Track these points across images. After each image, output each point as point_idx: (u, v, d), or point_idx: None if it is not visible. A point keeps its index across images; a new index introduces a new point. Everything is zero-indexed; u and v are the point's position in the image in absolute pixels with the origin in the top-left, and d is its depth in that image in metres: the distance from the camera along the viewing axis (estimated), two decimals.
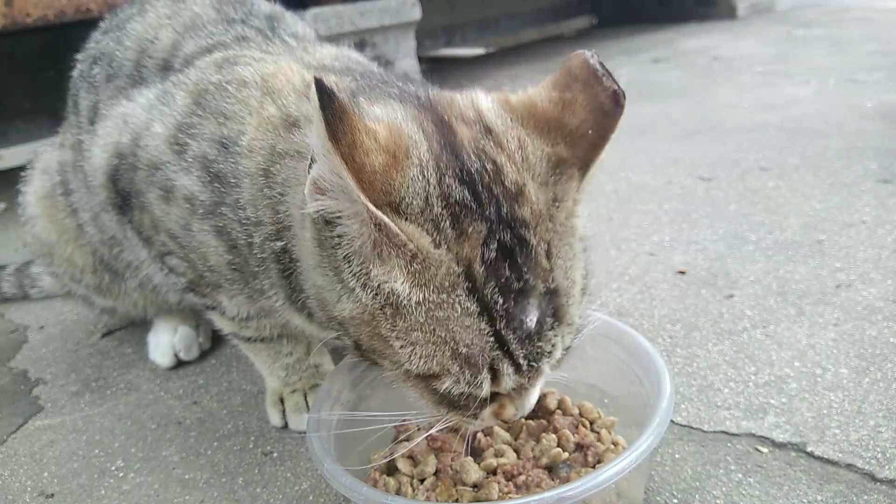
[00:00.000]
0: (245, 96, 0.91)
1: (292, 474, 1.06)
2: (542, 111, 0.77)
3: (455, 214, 0.70)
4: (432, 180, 0.70)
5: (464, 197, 0.70)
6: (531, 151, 0.75)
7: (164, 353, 1.40)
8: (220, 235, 0.93)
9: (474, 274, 0.69)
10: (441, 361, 0.71)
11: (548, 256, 0.72)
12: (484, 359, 0.70)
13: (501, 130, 0.76)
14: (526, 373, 0.73)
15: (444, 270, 0.69)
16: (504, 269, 0.70)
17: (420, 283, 0.69)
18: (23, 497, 1.08)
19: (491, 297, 0.69)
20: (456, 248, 0.69)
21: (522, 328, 0.70)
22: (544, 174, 0.74)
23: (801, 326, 1.28)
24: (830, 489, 0.91)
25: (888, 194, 1.80)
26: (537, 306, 0.71)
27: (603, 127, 0.76)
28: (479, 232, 0.70)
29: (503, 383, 0.73)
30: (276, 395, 1.18)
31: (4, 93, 2.73)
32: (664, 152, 2.35)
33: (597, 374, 1.05)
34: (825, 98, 2.81)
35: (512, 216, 0.71)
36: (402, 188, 0.69)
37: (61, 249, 1.32)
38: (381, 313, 0.71)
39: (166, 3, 1.19)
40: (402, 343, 0.72)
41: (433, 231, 0.69)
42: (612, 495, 0.84)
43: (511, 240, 0.70)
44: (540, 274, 0.71)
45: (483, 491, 0.86)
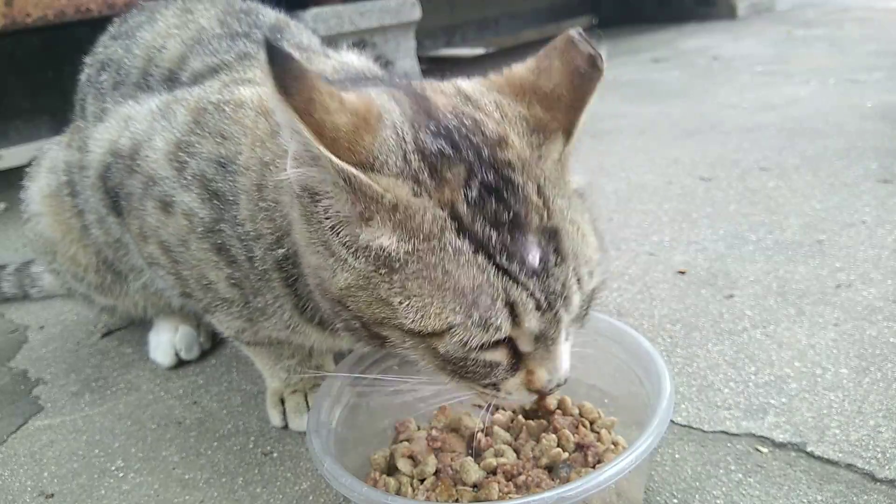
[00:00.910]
0: (241, 117, 0.93)
1: (292, 474, 1.06)
2: (518, 78, 0.79)
3: (433, 164, 0.70)
4: (407, 138, 0.71)
5: (440, 148, 0.71)
6: (509, 111, 0.77)
7: (165, 353, 1.40)
8: (219, 252, 0.94)
9: (459, 213, 0.69)
10: (448, 309, 0.69)
11: (539, 194, 0.72)
12: (495, 293, 0.69)
13: (478, 96, 0.78)
14: (546, 311, 0.71)
15: (428, 216, 0.69)
16: (490, 203, 0.70)
17: (407, 233, 0.69)
18: (23, 497, 1.08)
19: (482, 232, 0.69)
20: (437, 195, 0.70)
21: (525, 264, 0.69)
22: (525, 132, 0.75)
23: (801, 326, 1.28)
24: (830, 489, 0.91)
25: (888, 194, 1.80)
26: (537, 243, 0.70)
27: (580, 89, 0.76)
28: (457, 175, 0.70)
29: (526, 320, 0.70)
30: (277, 396, 1.18)
31: (4, 93, 2.74)
32: (664, 152, 2.35)
33: (597, 374, 1.04)
34: (825, 98, 2.81)
35: (494, 158, 0.72)
36: (375, 148, 0.70)
37: (65, 248, 1.32)
38: (377, 274, 0.71)
39: (175, 13, 1.20)
40: (402, 299, 0.70)
41: (411, 182, 0.70)
42: (612, 495, 0.84)
43: (495, 179, 0.71)
44: (532, 209, 0.71)
45: (483, 491, 0.86)
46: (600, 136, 2.57)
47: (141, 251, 1.07)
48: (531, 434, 0.97)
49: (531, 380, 0.77)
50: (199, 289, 1.01)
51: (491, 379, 0.76)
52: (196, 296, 1.03)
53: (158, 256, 1.02)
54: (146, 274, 1.22)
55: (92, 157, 1.09)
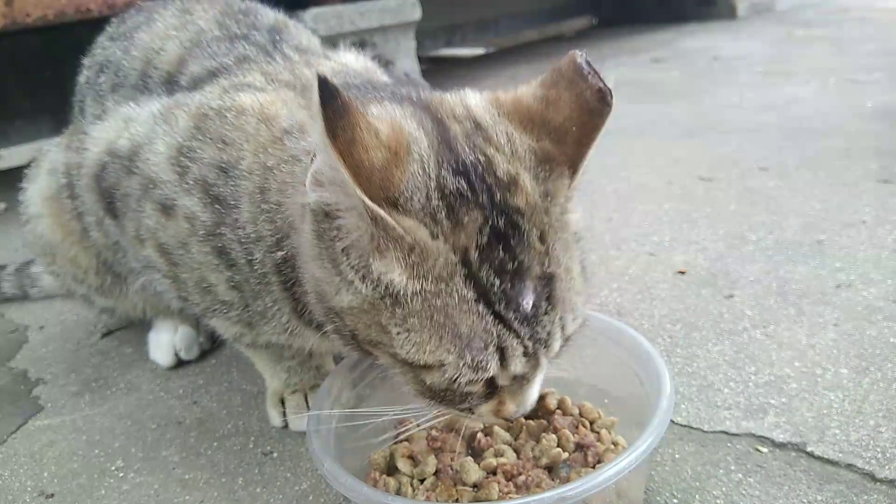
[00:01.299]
0: (242, 123, 0.93)
1: (292, 474, 1.06)
2: (526, 107, 0.78)
3: (451, 205, 0.71)
4: (432, 174, 0.72)
5: (459, 188, 0.72)
6: (519, 145, 0.76)
7: (164, 353, 1.40)
8: (220, 255, 0.94)
9: (470, 260, 0.70)
10: (443, 349, 0.71)
11: (542, 241, 0.73)
12: (489, 338, 0.71)
13: (490, 125, 0.78)
14: (532, 356, 0.73)
15: (441, 261, 0.70)
16: (498, 251, 0.71)
17: (418, 274, 0.70)
18: (23, 497, 1.08)
19: (487, 280, 0.70)
20: (452, 238, 0.70)
21: (520, 310, 0.71)
22: (534, 168, 0.76)
23: (801, 326, 1.28)
24: (830, 489, 0.91)
25: (888, 194, 1.80)
26: (532, 289, 0.72)
27: (588, 125, 0.77)
28: (474, 220, 0.71)
29: (511, 365, 0.73)
30: (277, 396, 1.18)
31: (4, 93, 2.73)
32: (664, 152, 2.35)
33: (597, 374, 1.05)
34: (825, 98, 2.81)
35: (505, 203, 0.72)
36: (402, 184, 0.70)
37: (65, 250, 1.31)
38: (381, 303, 0.72)
39: (174, 13, 1.19)
40: (401, 331, 0.72)
41: (430, 223, 0.70)
42: (612, 495, 0.84)
43: (504, 226, 0.72)
44: (535, 257, 0.72)
45: (483, 491, 0.86)
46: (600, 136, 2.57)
47: (136, 254, 1.06)
48: (531, 434, 0.97)
49: (500, 409, 0.79)
50: (198, 292, 1.00)
51: (465, 405, 0.79)
52: (193, 300, 1.03)
53: (156, 259, 1.02)
54: (144, 275, 1.22)
55: (87, 156, 1.09)
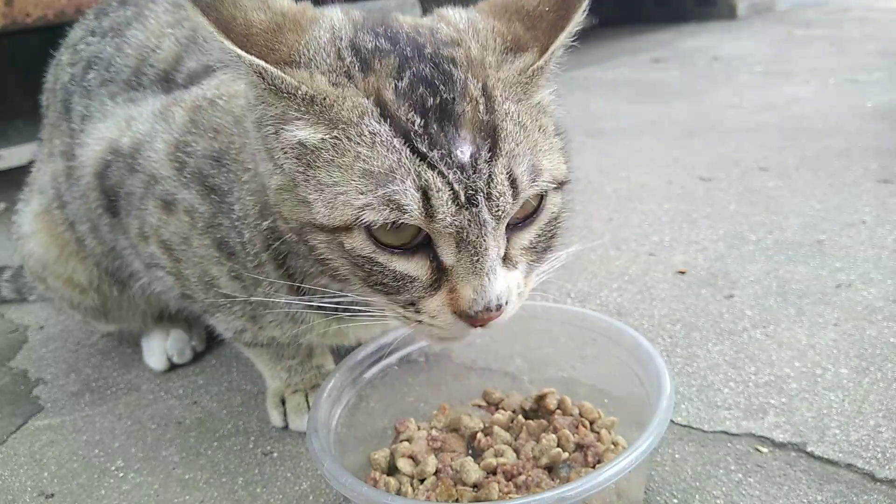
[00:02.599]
0: (232, 107, 0.93)
1: (292, 474, 1.06)
2: (500, 3, 0.80)
3: (364, 59, 0.71)
4: (344, 36, 0.72)
5: (377, 45, 0.72)
6: (481, 25, 0.76)
7: (157, 358, 1.40)
8: (220, 247, 0.94)
9: (383, 100, 0.69)
10: (355, 192, 0.68)
11: (483, 93, 0.70)
12: (405, 173, 0.66)
13: (451, 14, 0.80)
14: (465, 207, 0.67)
15: (348, 104, 0.69)
16: (421, 91, 0.69)
17: (323, 124, 0.70)
18: (23, 497, 1.08)
19: (406, 118, 0.68)
20: (363, 84, 0.70)
21: (451, 155, 0.67)
22: (493, 45, 0.75)
23: (801, 326, 1.28)
24: (830, 489, 0.91)
25: (888, 194, 1.80)
26: (470, 138, 0.68)
27: (563, 6, 0.76)
28: (386, 65, 0.70)
29: (438, 211, 0.67)
30: (278, 396, 1.18)
31: (4, 93, 2.74)
32: (664, 152, 2.35)
33: (597, 374, 1.05)
34: (825, 98, 2.81)
35: (436, 54, 0.72)
36: (300, 46, 0.71)
37: (60, 267, 1.28)
38: (298, 173, 0.72)
39: (167, 9, 1.18)
40: (316, 194, 0.71)
41: (338, 75, 0.70)
42: (612, 495, 0.84)
43: (431, 72, 0.70)
44: (468, 102, 0.69)
45: (483, 491, 0.86)
46: (600, 136, 2.57)
47: (140, 253, 1.06)
48: (531, 434, 0.97)
49: (453, 299, 0.71)
50: (201, 288, 1.00)
51: (408, 294, 0.73)
52: (197, 296, 1.03)
53: (160, 256, 1.02)
54: (144, 277, 1.21)
55: (88, 155, 1.08)
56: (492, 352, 1.13)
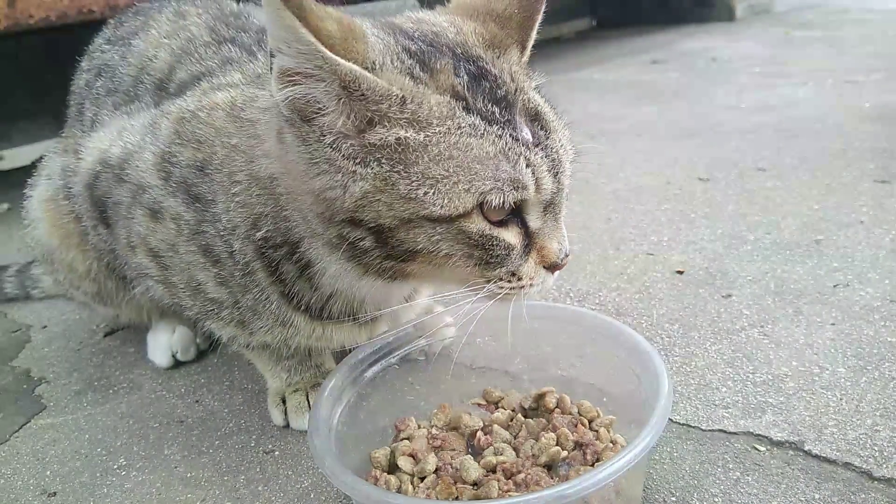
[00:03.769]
0: (214, 119, 0.95)
1: (294, 472, 1.07)
2: (470, 3, 0.88)
3: (421, 60, 0.76)
4: (391, 42, 0.77)
5: (421, 48, 0.78)
6: (464, 27, 0.84)
7: (161, 354, 1.41)
8: (205, 253, 0.96)
9: (461, 95, 0.75)
10: (477, 180, 0.73)
11: (512, 79, 0.80)
12: (515, 155, 0.74)
13: (432, 19, 0.86)
14: (555, 175, 0.78)
15: (434, 102, 0.74)
16: (483, 84, 0.77)
17: (420, 121, 0.73)
18: (25, 496, 1.09)
19: (486, 109, 0.75)
20: (434, 83, 0.75)
21: (524, 135, 0.76)
22: (481, 44, 0.83)
23: (798, 326, 1.29)
24: (828, 487, 0.92)
25: (885, 195, 1.81)
26: (525, 122, 0.78)
27: (528, 7, 0.86)
28: (446, 65, 0.76)
29: (543, 182, 0.77)
30: (279, 396, 1.18)
31: (7, 94, 2.74)
32: (663, 153, 2.36)
33: (595, 374, 1.05)
34: (823, 99, 2.82)
35: (467, 53, 0.80)
36: (368, 52, 0.74)
37: (62, 254, 1.31)
38: (393, 173, 0.74)
39: (168, 20, 1.21)
40: (426, 188, 0.74)
41: (409, 75, 0.75)
42: (611, 493, 0.84)
43: (475, 69, 0.78)
44: (513, 90, 0.78)
45: (483, 489, 0.87)
46: (599, 137, 2.58)
47: (129, 263, 1.08)
48: (530, 432, 0.97)
49: (544, 255, 0.82)
50: (189, 294, 1.02)
51: (510, 265, 0.81)
52: (185, 303, 1.05)
53: (147, 265, 1.04)
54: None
55: (82, 165, 1.11)
56: (492, 351, 1.13)
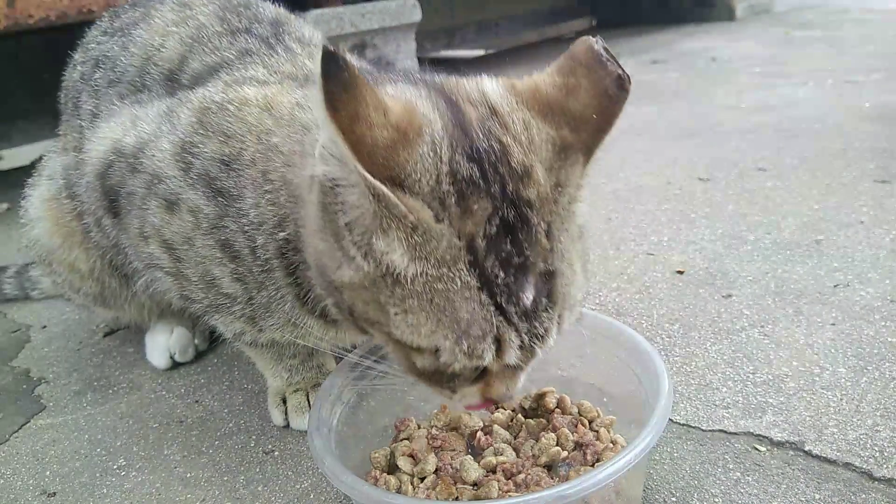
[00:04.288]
0: (245, 115, 0.93)
1: (293, 473, 1.07)
2: (545, 95, 0.77)
3: (461, 191, 0.70)
4: (444, 158, 0.70)
5: (472, 174, 0.71)
6: (536, 134, 0.75)
7: (159, 355, 1.40)
8: (223, 248, 0.94)
9: (476, 248, 0.70)
10: (440, 334, 0.71)
11: (548, 237, 0.73)
12: (488, 328, 0.71)
13: (506, 112, 0.76)
14: (528, 349, 0.74)
15: (444, 244, 0.70)
16: (506, 244, 0.71)
17: (420, 256, 0.70)
18: (25, 496, 1.09)
19: (492, 271, 0.70)
20: (459, 224, 0.70)
21: (520, 304, 0.71)
22: (549, 158, 0.74)
23: (798, 326, 1.29)
24: (828, 488, 0.92)
25: (886, 195, 1.81)
26: (534, 285, 0.72)
27: (607, 111, 0.76)
28: (484, 209, 0.70)
29: (507, 356, 0.73)
30: (279, 396, 1.18)
31: (7, 93, 2.74)
32: (663, 153, 2.36)
33: (595, 374, 1.05)
34: (823, 99, 2.82)
35: (517, 195, 0.72)
36: (409, 165, 0.69)
37: (64, 254, 1.30)
38: (381, 281, 0.72)
39: (172, 9, 1.19)
40: (398, 312, 0.72)
41: (437, 206, 0.69)
42: (611, 494, 0.84)
43: (514, 218, 0.71)
44: (540, 253, 0.72)
45: (483, 489, 0.87)
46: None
47: (139, 253, 1.06)
48: (531, 433, 0.97)
49: (488, 390, 0.80)
50: (201, 288, 1.01)
51: (452, 385, 0.79)
52: (196, 296, 1.03)
53: (160, 256, 1.02)
54: (145, 275, 1.22)
55: (92, 155, 1.08)
56: None
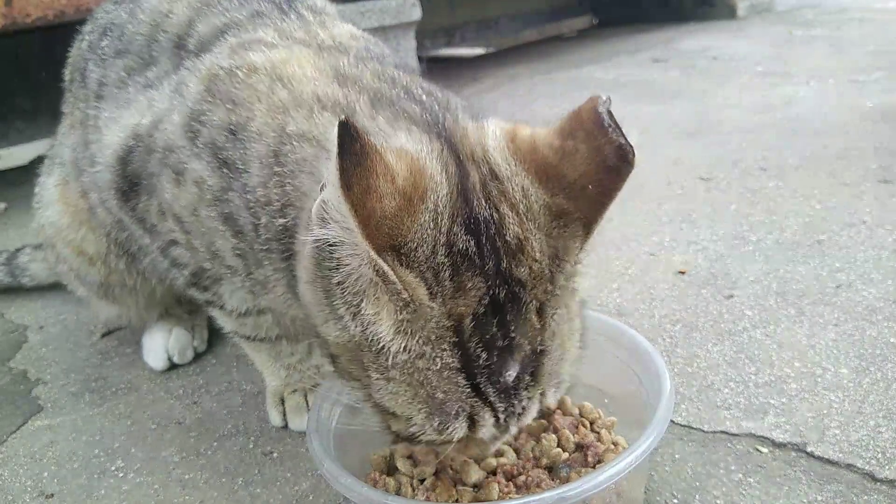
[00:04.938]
0: (254, 82, 0.90)
1: (292, 474, 1.06)
2: (542, 157, 0.73)
3: (456, 265, 0.68)
4: (443, 228, 0.68)
5: (468, 248, 0.68)
6: (534, 201, 0.72)
7: (157, 357, 1.40)
8: (226, 221, 0.92)
9: (462, 329, 0.68)
10: (414, 407, 0.71)
11: (539, 315, 0.71)
12: (461, 408, 0.70)
13: (506, 176, 0.73)
14: (501, 427, 0.72)
15: (433, 323, 0.68)
16: (492, 326, 0.68)
17: (406, 332, 0.68)
18: (23, 497, 1.08)
19: (474, 352, 0.68)
20: (450, 303, 0.68)
21: (500, 383, 0.70)
22: (546, 226, 0.71)
23: (801, 326, 1.28)
24: (830, 489, 0.91)
25: (888, 194, 1.80)
26: (519, 363, 0.70)
27: (605, 184, 0.71)
28: (477, 288, 0.68)
29: (479, 432, 0.72)
30: (277, 396, 1.18)
31: (5, 93, 2.73)
32: (664, 152, 2.35)
33: (597, 375, 1.04)
34: (825, 98, 2.81)
35: (510, 273, 0.69)
36: (410, 233, 0.67)
37: (73, 233, 1.30)
38: (367, 346, 0.70)
39: None
40: (380, 378, 0.71)
41: (432, 281, 0.67)
42: (612, 495, 0.84)
43: (504, 298, 0.69)
44: (527, 333, 0.70)
45: (483, 491, 0.86)
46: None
47: (161, 232, 1.05)
48: (531, 434, 0.97)
49: (464, 449, 0.78)
50: (208, 258, 1.00)
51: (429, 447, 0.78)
52: (205, 265, 1.02)
53: (174, 230, 1.01)
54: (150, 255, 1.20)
55: (112, 140, 1.07)
56: None
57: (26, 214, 1.53)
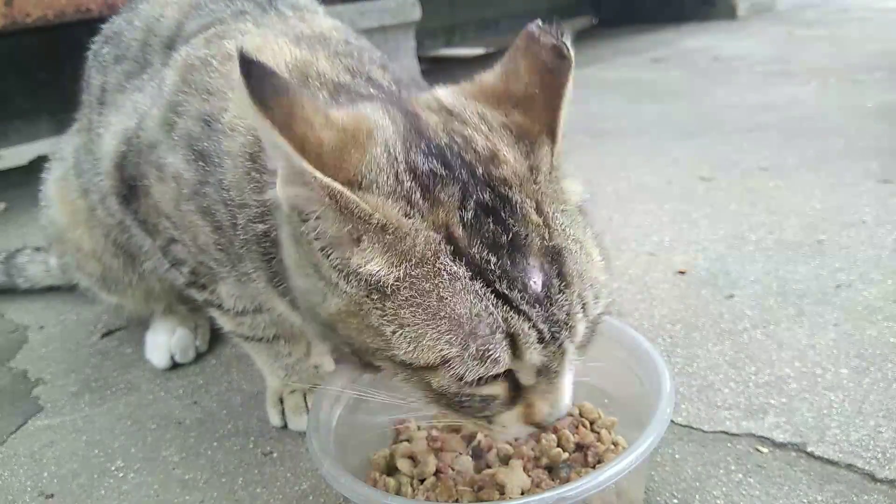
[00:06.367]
0: (228, 70, 0.89)
1: (292, 474, 1.06)
2: (489, 86, 0.77)
3: (425, 185, 0.67)
4: (399, 157, 0.67)
5: (432, 168, 0.68)
6: (493, 121, 0.73)
7: (160, 355, 1.40)
8: (204, 216, 0.91)
9: (454, 236, 0.65)
10: (443, 341, 0.65)
11: (538, 212, 0.68)
12: (494, 323, 0.64)
13: (461, 111, 0.75)
14: (550, 343, 0.66)
15: (420, 239, 0.65)
16: (488, 225, 0.66)
17: (398, 257, 0.65)
18: (22, 497, 1.08)
19: (480, 256, 0.65)
20: (431, 216, 0.66)
21: (527, 290, 0.65)
22: (513, 143, 0.72)
23: (801, 326, 1.28)
24: (831, 489, 0.91)
25: (888, 194, 1.80)
26: (539, 266, 0.66)
27: (551, 84, 0.73)
28: (451, 195, 0.67)
29: (527, 354, 0.66)
30: (277, 396, 1.18)
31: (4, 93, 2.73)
32: (664, 152, 2.35)
33: (597, 375, 1.04)
34: (825, 98, 2.81)
35: (489, 176, 0.68)
36: (363, 166, 0.66)
37: (70, 233, 1.32)
38: (368, 300, 0.67)
39: None
40: (395, 328, 0.66)
41: (404, 203, 0.66)
42: (612, 495, 0.84)
43: (492, 198, 0.67)
44: (532, 229, 0.67)
45: (483, 491, 0.86)
46: (600, 136, 2.57)
47: (160, 231, 1.05)
48: (531, 434, 0.97)
49: (530, 413, 0.72)
50: (196, 252, 1.00)
51: (486, 412, 0.72)
52: (200, 259, 1.02)
53: (170, 228, 1.01)
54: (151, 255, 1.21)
55: (106, 149, 1.08)
56: None
57: (26, 214, 1.54)
